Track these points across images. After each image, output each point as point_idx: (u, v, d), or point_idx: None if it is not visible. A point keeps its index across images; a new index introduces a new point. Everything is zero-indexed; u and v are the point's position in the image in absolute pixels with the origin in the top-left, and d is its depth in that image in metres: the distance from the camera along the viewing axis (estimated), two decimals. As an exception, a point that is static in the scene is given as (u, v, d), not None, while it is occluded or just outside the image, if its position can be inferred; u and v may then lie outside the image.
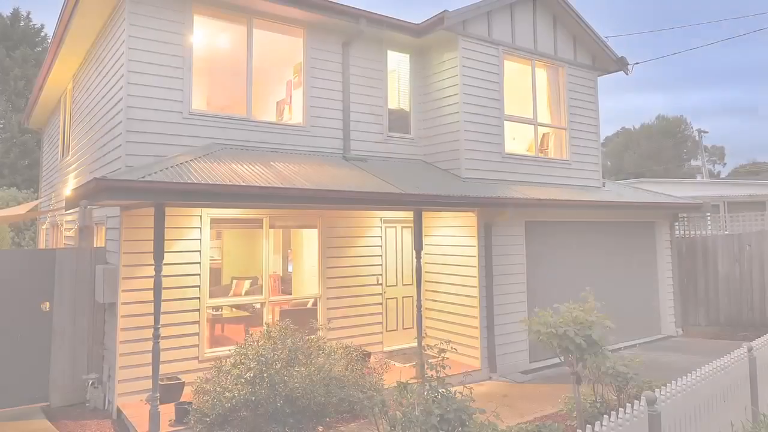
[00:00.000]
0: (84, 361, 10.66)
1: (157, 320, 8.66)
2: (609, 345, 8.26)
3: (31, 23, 39.16)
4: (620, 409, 5.80)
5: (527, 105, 15.16)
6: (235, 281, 14.26)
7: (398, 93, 14.52)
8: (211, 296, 11.23)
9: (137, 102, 10.54)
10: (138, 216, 10.15)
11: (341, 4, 12.50)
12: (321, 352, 9.11)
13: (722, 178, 61.68)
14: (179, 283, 10.55)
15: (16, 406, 10.09)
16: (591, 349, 8.02)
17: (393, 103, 14.28)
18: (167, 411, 9.08)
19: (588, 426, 5.51)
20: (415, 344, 11.53)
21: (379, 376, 9.60)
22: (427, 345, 8.65)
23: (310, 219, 12.56)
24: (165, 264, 9.32)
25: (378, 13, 13.00)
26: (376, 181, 11.29)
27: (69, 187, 15.20)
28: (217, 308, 12.47)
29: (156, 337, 8.66)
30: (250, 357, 8.34)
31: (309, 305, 12.61)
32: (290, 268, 15.17)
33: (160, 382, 9.24)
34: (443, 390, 7.12)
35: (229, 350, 9.31)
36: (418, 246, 11.36)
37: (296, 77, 13.79)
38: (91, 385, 10.31)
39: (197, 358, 10.57)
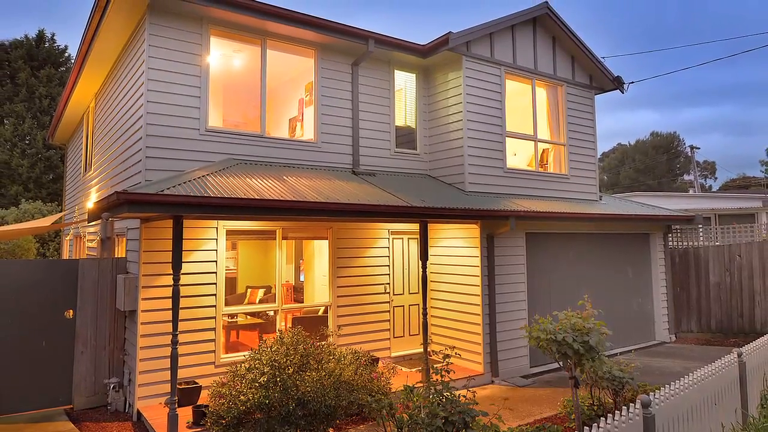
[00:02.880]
0: (106, 366, 10.69)
1: (175, 327, 8.70)
2: (605, 350, 8.26)
3: (56, 44, 39.32)
4: (616, 411, 5.81)
5: (528, 122, 15.21)
6: (249, 290, 14.31)
7: (405, 110, 14.58)
8: (226, 304, 11.26)
9: (156, 119, 10.61)
10: (157, 228, 10.21)
11: (351, 26, 12.58)
12: (331, 357, 9.12)
13: (713, 192, 61.50)
14: (196, 292, 10.59)
15: (41, 409, 10.14)
16: (588, 355, 8.03)
17: (400, 120, 14.34)
18: (185, 413, 9.12)
19: (586, 428, 5.53)
20: (421, 350, 11.56)
21: (387, 380, 9.60)
22: (433, 351, 8.72)
23: (321, 231, 12.60)
24: (183, 274, 9.41)
25: (386, 35, 13.08)
26: (384, 195, 11.33)
27: (91, 200, 15.28)
28: (232, 316, 12.53)
29: (174, 343, 8.69)
30: (264, 362, 8.37)
31: (320, 313, 12.63)
32: (302, 278, 15.21)
33: (178, 386, 9.28)
34: (448, 393, 7.15)
35: (244, 356, 9.32)
36: (424, 256, 11.39)
37: (308, 95, 13.87)
38: (113, 388, 10.34)
39: (213, 363, 10.60)
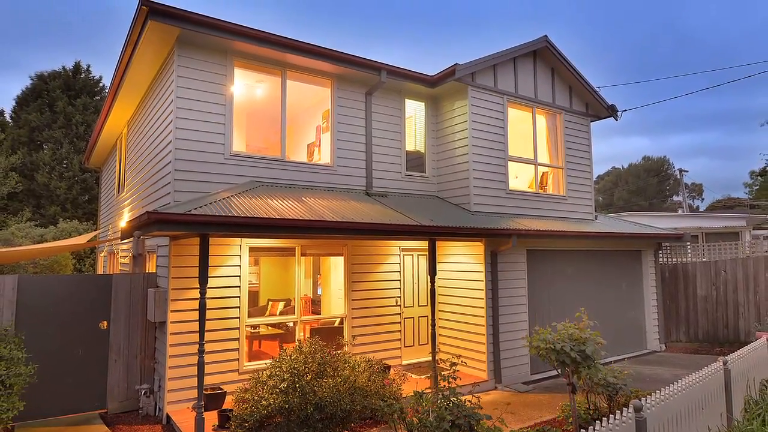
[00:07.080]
0: (137, 373, 10.76)
1: (201, 337, 8.75)
2: (601, 359, 8.29)
3: (91, 75, 39.68)
4: (611, 415, 5.83)
5: (528, 147, 15.29)
6: (270, 303, 14.35)
7: (415, 136, 14.68)
8: (249, 316, 11.31)
9: (184, 144, 10.72)
10: (185, 245, 10.31)
11: (365, 58, 12.71)
12: (346, 365, 9.15)
13: (701, 212, 61.19)
14: (221, 305, 10.66)
15: (78, 413, 10.20)
16: (585, 363, 8.05)
17: (410, 146, 14.43)
18: (211, 417, 9.19)
19: (582, 430, 5.55)
20: (430, 358, 11.56)
21: (398, 386, 9.59)
22: (440, 359, 8.73)
23: (337, 247, 12.67)
24: (209, 287, 9.49)
25: (397, 66, 13.21)
26: (396, 215, 11.39)
27: (124, 219, 15.42)
28: (254, 326, 12.57)
29: (201, 352, 8.75)
30: (284, 369, 8.41)
31: (336, 324, 12.68)
32: (319, 291, 15.26)
33: (204, 392, 9.34)
34: (454, 398, 7.18)
35: (266, 363, 9.37)
36: (432, 271, 11.43)
37: (325, 122, 13.99)
38: (144, 394, 10.40)
39: (237, 370, 10.64)
